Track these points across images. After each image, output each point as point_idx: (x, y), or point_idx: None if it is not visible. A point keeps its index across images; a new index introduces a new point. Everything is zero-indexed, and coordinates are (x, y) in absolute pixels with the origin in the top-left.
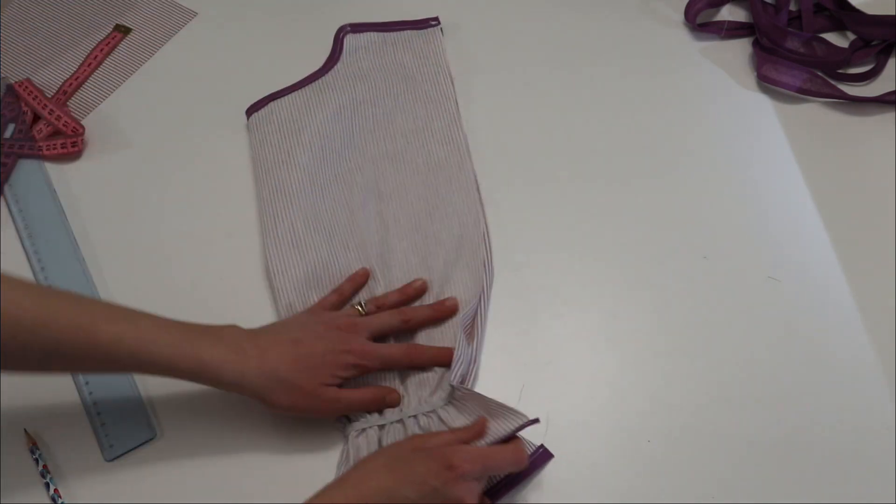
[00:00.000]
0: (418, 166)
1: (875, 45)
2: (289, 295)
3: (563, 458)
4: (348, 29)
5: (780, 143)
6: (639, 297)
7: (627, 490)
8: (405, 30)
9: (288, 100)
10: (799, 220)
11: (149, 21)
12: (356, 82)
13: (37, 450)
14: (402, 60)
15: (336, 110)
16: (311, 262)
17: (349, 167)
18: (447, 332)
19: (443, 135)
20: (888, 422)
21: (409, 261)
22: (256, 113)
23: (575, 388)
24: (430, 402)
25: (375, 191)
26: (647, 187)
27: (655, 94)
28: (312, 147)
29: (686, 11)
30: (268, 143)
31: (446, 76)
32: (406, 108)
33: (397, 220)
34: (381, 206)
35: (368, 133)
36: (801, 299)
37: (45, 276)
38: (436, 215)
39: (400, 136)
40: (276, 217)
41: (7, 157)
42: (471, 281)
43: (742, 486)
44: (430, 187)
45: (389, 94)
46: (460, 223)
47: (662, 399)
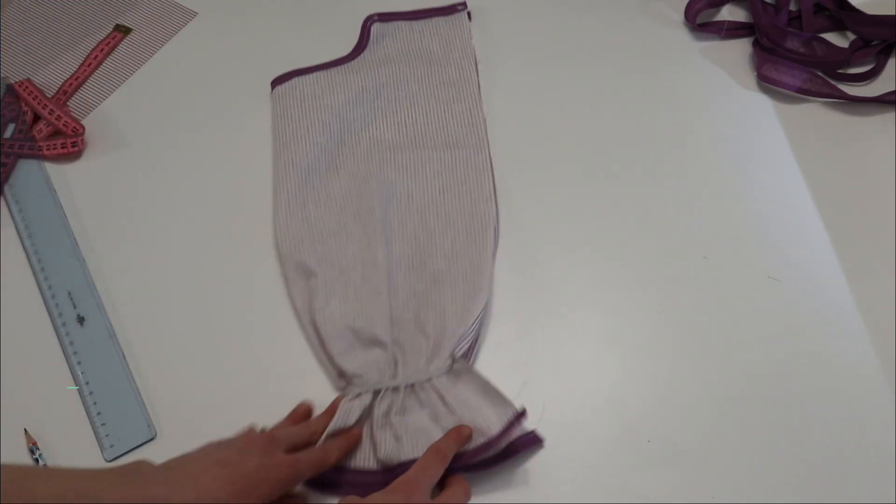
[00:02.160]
0: (436, 144)
1: (875, 45)
2: (295, 261)
3: (563, 458)
4: (376, 18)
5: (780, 143)
6: (639, 296)
7: (627, 490)
8: (433, 17)
9: (313, 77)
10: (799, 220)
11: (149, 21)
12: (381, 66)
13: (37, 450)
14: (428, 46)
15: (358, 92)
16: (318, 232)
17: (367, 147)
18: (452, 305)
19: (462, 117)
20: (888, 422)
21: (417, 235)
22: (280, 86)
23: (575, 388)
24: (426, 371)
25: (392, 165)
26: (646, 187)
27: (655, 94)
28: (331, 127)
29: (686, 11)
30: (288, 116)
31: (471, 61)
32: (428, 91)
33: (410, 195)
34: (396, 180)
35: (390, 114)
36: (801, 299)
37: (45, 275)
38: (448, 194)
39: (420, 116)
40: (289, 191)
41: (7, 157)
42: (478, 259)
43: (742, 486)
44: (445, 165)
45: (413, 78)
46: (472, 202)
47: (662, 399)
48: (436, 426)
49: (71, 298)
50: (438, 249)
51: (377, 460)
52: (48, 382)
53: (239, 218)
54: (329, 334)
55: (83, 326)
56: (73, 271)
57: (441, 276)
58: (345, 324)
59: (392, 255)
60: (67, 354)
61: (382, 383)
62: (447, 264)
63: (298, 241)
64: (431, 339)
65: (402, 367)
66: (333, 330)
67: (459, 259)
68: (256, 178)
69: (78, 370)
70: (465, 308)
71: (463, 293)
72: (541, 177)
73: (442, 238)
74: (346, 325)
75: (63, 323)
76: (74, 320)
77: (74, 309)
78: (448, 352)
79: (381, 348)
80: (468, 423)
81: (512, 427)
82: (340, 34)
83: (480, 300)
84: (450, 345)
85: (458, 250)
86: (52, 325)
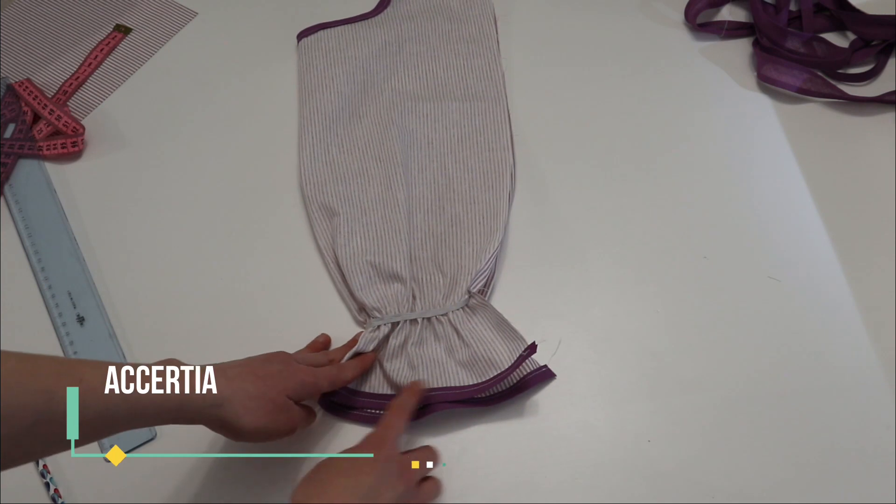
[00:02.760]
0: (455, 96)
1: (875, 45)
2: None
3: (563, 458)
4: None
5: (780, 143)
6: (639, 296)
7: (628, 490)
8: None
9: (338, 30)
10: (799, 220)
11: (149, 21)
12: (403, 22)
13: None
14: (448, 4)
15: (382, 45)
16: (341, 175)
17: (389, 97)
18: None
19: (482, 70)
20: (888, 422)
21: (436, 180)
22: (306, 38)
23: (575, 388)
24: (443, 306)
25: (413, 114)
26: (646, 187)
27: (655, 94)
28: (355, 78)
29: (686, 11)
30: (313, 67)
31: (490, 18)
32: (449, 46)
33: (431, 142)
34: (417, 128)
35: (412, 67)
36: (801, 299)
37: (45, 275)
38: (467, 143)
39: (441, 69)
40: (314, 137)
41: (7, 157)
42: (495, 203)
43: (742, 486)
44: (465, 115)
45: (434, 33)
46: (490, 149)
47: (662, 399)
48: (450, 358)
49: (71, 298)
50: (456, 194)
51: (391, 384)
52: None
53: (239, 217)
54: (350, 269)
55: (83, 326)
56: (73, 271)
57: (458, 219)
58: (366, 259)
59: (412, 198)
60: (67, 354)
61: (401, 316)
62: (464, 208)
63: (322, 183)
64: (448, 276)
65: (420, 301)
66: (354, 265)
67: (476, 203)
68: (257, 177)
69: None
70: (481, 248)
71: (479, 234)
72: (537, 178)
73: (459, 183)
74: (367, 260)
75: (63, 323)
76: (74, 320)
77: (74, 309)
78: (464, 288)
79: (400, 283)
80: (482, 356)
81: (522, 360)
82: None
83: (495, 240)
84: (465, 282)
85: (476, 195)
86: (52, 325)
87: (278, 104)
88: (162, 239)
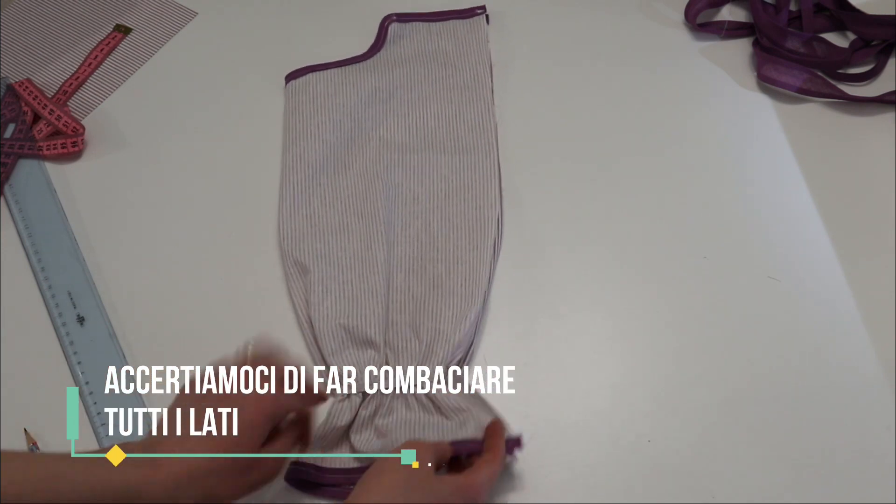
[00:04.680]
0: (445, 148)
1: (875, 45)
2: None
3: (563, 458)
4: (394, 18)
5: (780, 143)
6: (639, 296)
7: (628, 490)
8: (451, 19)
9: (327, 74)
10: (799, 220)
11: (149, 21)
12: (395, 67)
13: (37, 450)
14: (444, 48)
15: (371, 92)
16: (320, 230)
17: (376, 147)
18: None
19: (474, 122)
20: (888, 422)
21: (419, 238)
22: (294, 81)
23: (575, 388)
24: (416, 376)
25: (400, 167)
26: (646, 187)
27: (655, 94)
28: (342, 126)
29: (686, 11)
30: (299, 112)
31: (485, 65)
32: (441, 94)
33: (416, 197)
34: (403, 181)
35: (402, 116)
36: (801, 299)
37: (45, 275)
38: (454, 199)
39: (432, 119)
40: (295, 187)
41: (7, 157)
42: (478, 264)
43: (742, 486)
44: (454, 170)
45: (427, 80)
46: (477, 207)
47: (662, 399)
48: (420, 429)
49: (71, 298)
50: (440, 253)
51: (357, 460)
52: (48, 382)
53: (239, 217)
54: (322, 331)
55: (83, 326)
56: (73, 271)
57: (440, 281)
58: (338, 322)
59: (393, 257)
60: (67, 354)
61: (372, 387)
62: (447, 268)
63: (300, 238)
64: (424, 343)
65: (394, 369)
66: (326, 327)
67: (460, 264)
68: (257, 177)
69: (78, 370)
70: (461, 312)
71: (461, 299)
72: (538, 176)
73: (444, 242)
74: (340, 323)
75: (63, 323)
76: (74, 320)
77: (74, 309)
78: (440, 357)
79: (373, 349)
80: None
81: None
82: (356, 32)
83: (476, 307)
84: (442, 350)
85: (460, 255)
86: (52, 325)
87: (278, 104)
88: (162, 239)
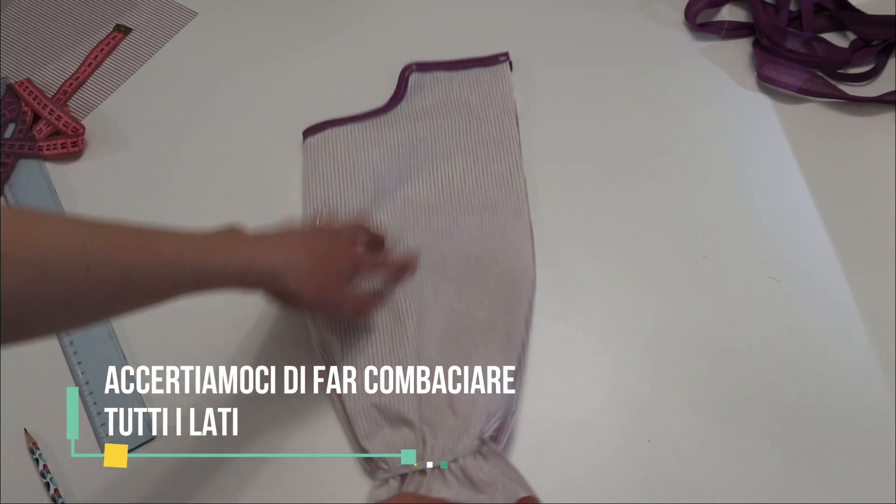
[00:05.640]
0: (474, 208)
1: (875, 45)
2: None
3: (563, 458)
4: (414, 67)
5: (780, 143)
6: (639, 296)
7: (627, 490)
8: (473, 67)
9: (347, 129)
10: (799, 220)
11: (149, 21)
12: (417, 121)
13: (37, 450)
14: (467, 99)
15: (394, 148)
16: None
17: (401, 206)
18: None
19: (502, 178)
20: (888, 422)
21: (452, 306)
22: (312, 137)
23: (575, 388)
24: (454, 451)
25: (427, 231)
26: (646, 187)
27: (655, 94)
28: (364, 187)
29: (686, 11)
30: (319, 172)
31: (511, 116)
32: (467, 148)
33: (446, 262)
34: (432, 245)
35: (426, 173)
36: (801, 299)
37: None
38: (486, 262)
39: (458, 176)
40: None
41: (7, 157)
42: (514, 329)
43: (742, 486)
44: (484, 231)
45: (451, 133)
46: (510, 269)
47: (662, 399)
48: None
49: None
50: (475, 321)
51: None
52: (48, 382)
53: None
54: (354, 412)
55: None
56: None
57: (476, 351)
58: (370, 402)
59: (424, 328)
60: (67, 354)
61: (410, 467)
62: (483, 337)
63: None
64: (461, 417)
65: (431, 447)
66: (358, 407)
67: (495, 331)
68: (257, 177)
69: (78, 370)
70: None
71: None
72: (537, 176)
73: (478, 309)
74: (372, 402)
75: None
76: None
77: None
78: (477, 430)
79: (408, 427)
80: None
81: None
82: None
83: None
84: (479, 422)
85: (495, 321)
86: None
87: (278, 103)
88: None
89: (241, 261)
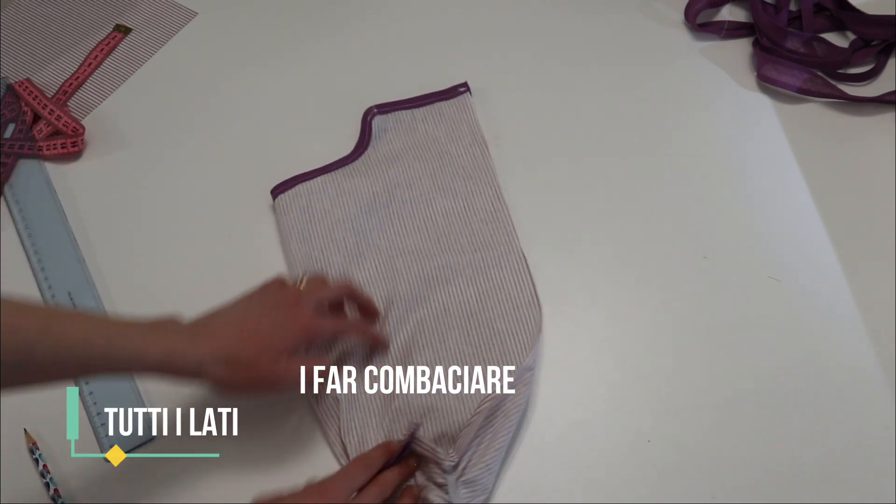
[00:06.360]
0: (463, 247)
1: (875, 45)
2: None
3: (563, 458)
4: (375, 111)
5: (780, 142)
6: (639, 296)
7: (627, 490)
8: (434, 101)
9: (318, 184)
10: (799, 220)
11: (149, 21)
12: (389, 165)
13: (37, 450)
14: (434, 135)
15: (370, 198)
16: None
17: (388, 255)
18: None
19: (485, 212)
20: (888, 422)
21: (462, 352)
22: (283, 195)
23: (575, 388)
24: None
25: (420, 279)
26: (646, 187)
27: (655, 94)
28: (347, 244)
29: (686, 11)
30: (298, 234)
31: (481, 145)
32: (444, 187)
33: (447, 308)
34: (428, 294)
35: (407, 218)
36: (801, 299)
37: (45, 275)
38: (488, 302)
39: (441, 217)
40: None
41: (7, 157)
42: (522, 369)
43: (742, 486)
44: (478, 270)
45: (425, 174)
46: (514, 307)
47: (662, 399)
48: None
49: (71, 298)
50: (486, 364)
51: None
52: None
53: (239, 217)
54: (347, 414)
55: None
56: (73, 271)
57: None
58: (368, 403)
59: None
60: None
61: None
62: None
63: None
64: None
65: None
66: (353, 408)
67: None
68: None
69: None
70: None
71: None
72: (539, 175)
73: (489, 352)
74: (368, 406)
75: None
76: None
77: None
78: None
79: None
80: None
81: None
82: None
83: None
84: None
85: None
86: None
87: (278, 103)
88: (162, 239)
89: (159, 354)
